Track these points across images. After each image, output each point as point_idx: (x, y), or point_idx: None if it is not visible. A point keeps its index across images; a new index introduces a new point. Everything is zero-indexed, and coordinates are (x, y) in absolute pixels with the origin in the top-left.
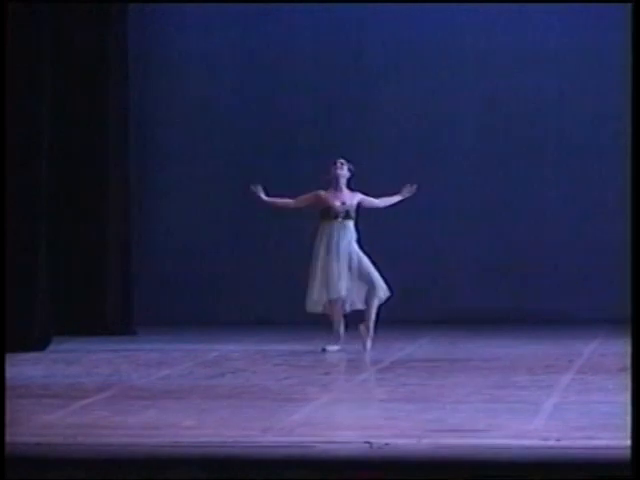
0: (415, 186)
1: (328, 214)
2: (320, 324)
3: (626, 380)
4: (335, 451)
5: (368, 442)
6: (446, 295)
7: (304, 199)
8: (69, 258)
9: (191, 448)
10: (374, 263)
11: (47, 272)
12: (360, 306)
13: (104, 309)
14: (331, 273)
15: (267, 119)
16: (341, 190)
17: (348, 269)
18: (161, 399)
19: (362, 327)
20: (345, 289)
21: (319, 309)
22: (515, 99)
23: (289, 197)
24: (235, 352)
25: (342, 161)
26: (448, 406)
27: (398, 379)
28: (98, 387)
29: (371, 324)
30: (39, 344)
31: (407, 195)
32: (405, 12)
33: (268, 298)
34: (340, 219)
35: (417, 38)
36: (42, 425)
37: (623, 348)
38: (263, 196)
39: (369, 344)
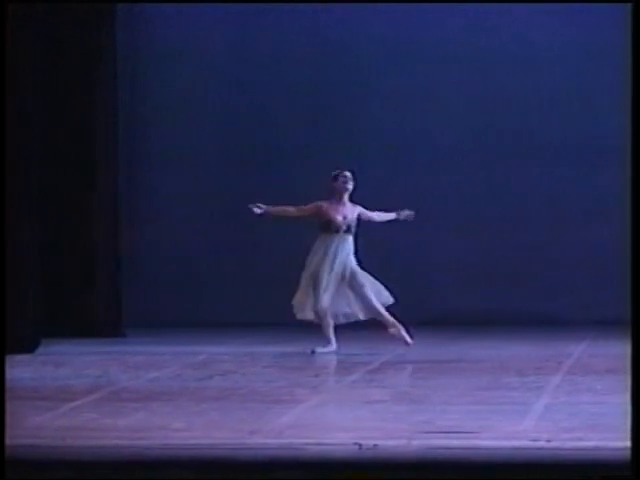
0: (413, 213)
1: (329, 227)
2: (310, 326)
3: (615, 381)
4: (325, 453)
5: (358, 444)
6: (437, 296)
7: (305, 209)
8: (58, 260)
9: (180, 450)
10: (372, 274)
11: (36, 274)
12: (361, 317)
13: (93, 311)
14: (319, 284)
15: (259, 119)
16: (344, 204)
17: (341, 280)
18: (150, 401)
19: (391, 331)
20: (329, 301)
21: (309, 316)
22: (514, 99)
23: (289, 204)
24: (224, 354)
25: (350, 175)
26: (438, 407)
27: (388, 380)
28: (87, 389)
29: (394, 320)
30: (28, 346)
31: (403, 218)
32: (403, 12)
33: (257, 300)
34: (341, 233)
35: (416, 38)
36: (31, 427)
37: (612, 349)
38: (261, 210)
39: (408, 337)
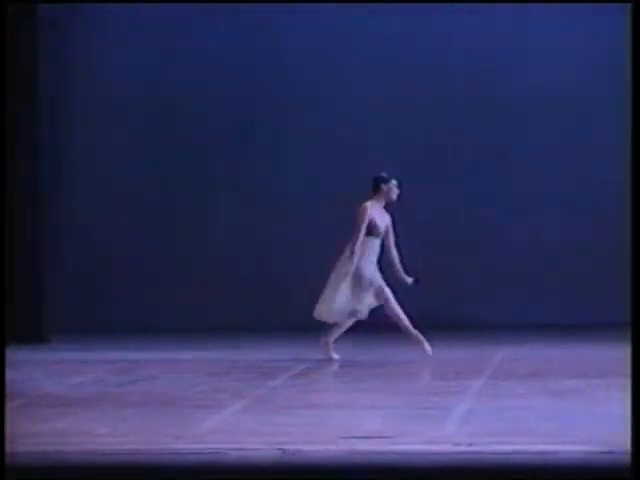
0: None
1: (374, 231)
2: (232, 330)
3: (537, 385)
4: (247, 458)
5: (280, 449)
6: None
7: (364, 223)
8: None
9: (105, 455)
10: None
11: None
12: (362, 317)
13: (16, 317)
14: (362, 285)
15: (186, 119)
16: (382, 209)
17: (368, 286)
18: (74, 407)
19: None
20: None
21: (341, 318)
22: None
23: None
24: (148, 359)
25: (397, 184)
26: (360, 412)
27: (311, 385)
28: (10, 395)
29: (335, 336)
30: None
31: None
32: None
33: (183, 304)
34: (380, 238)
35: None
36: None
37: (534, 353)
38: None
39: (334, 355)
